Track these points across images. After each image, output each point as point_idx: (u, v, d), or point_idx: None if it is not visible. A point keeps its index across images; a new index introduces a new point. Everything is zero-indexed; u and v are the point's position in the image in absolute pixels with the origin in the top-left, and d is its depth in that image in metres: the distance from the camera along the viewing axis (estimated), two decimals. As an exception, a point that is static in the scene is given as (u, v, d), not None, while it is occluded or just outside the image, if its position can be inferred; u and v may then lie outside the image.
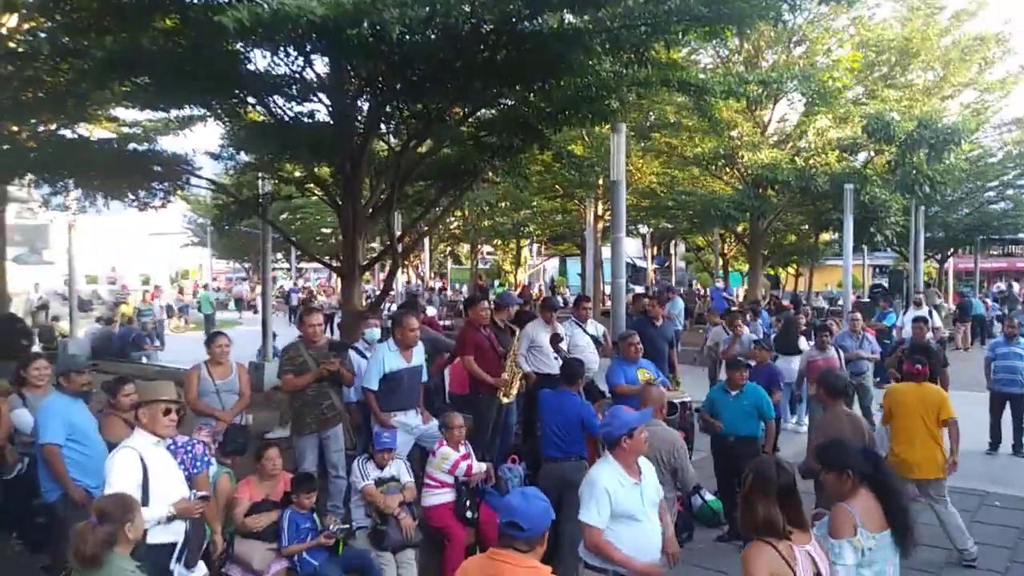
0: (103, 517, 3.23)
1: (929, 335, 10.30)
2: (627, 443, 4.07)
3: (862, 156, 20.27)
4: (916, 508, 5.29)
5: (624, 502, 3.99)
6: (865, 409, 9.41)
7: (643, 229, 32.25)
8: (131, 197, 10.81)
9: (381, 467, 5.78)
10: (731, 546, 6.65)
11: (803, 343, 10.40)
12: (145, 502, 3.87)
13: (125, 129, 13.15)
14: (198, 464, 4.73)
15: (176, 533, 4.07)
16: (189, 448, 4.74)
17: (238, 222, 12.44)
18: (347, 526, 5.55)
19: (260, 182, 11.90)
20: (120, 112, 12.62)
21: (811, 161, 17.95)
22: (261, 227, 13.02)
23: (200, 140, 12.18)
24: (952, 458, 6.35)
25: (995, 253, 45.37)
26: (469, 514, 5.86)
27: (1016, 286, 35.99)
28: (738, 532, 6.72)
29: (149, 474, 3.96)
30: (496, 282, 36.72)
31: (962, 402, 9.20)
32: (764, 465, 3.04)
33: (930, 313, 13.59)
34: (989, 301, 27.81)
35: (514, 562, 2.73)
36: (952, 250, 32.60)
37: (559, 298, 27.50)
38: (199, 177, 11.13)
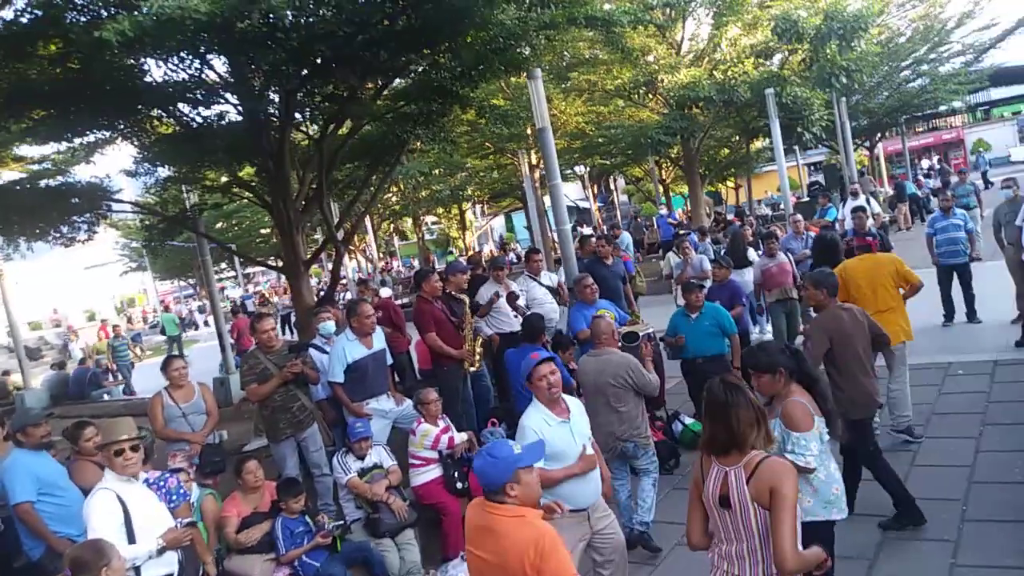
0: (77, 567, 3.16)
1: (870, 222, 10.54)
2: (531, 386, 4.29)
3: (777, 59, 20.45)
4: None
5: (552, 441, 4.04)
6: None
7: (580, 170, 32.27)
8: (54, 235, 10.39)
9: (361, 457, 5.76)
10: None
11: (752, 254, 10.56)
12: (132, 539, 3.83)
13: (34, 167, 12.62)
14: (174, 498, 4.67)
15: (170, 564, 4.02)
16: (162, 483, 4.66)
17: (169, 239, 12.11)
18: (341, 522, 5.53)
19: (185, 195, 11.55)
20: (24, 150, 12.10)
21: (729, 72, 18.03)
22: (196, 240, 12.70)
23: (114, 163, 11.77)
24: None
25: (920, 130, 46.50)
26: (459, 485, 5.88)
27: (933, 161, 37.03)
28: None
29: (130, 511, 3.89)
30: (445, 250, 36.54)
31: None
32: (711, 386, 3.12)
33: (868, 201, 13.91)
34: (921, 178, 28.63)
35: (500, 512, 2.84)
36: (879, 135, 33.27)
37: (512, 254, 27.50)
38: (120, 201, 10.76)
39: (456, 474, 5.90)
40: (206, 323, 31.78)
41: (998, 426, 6.35)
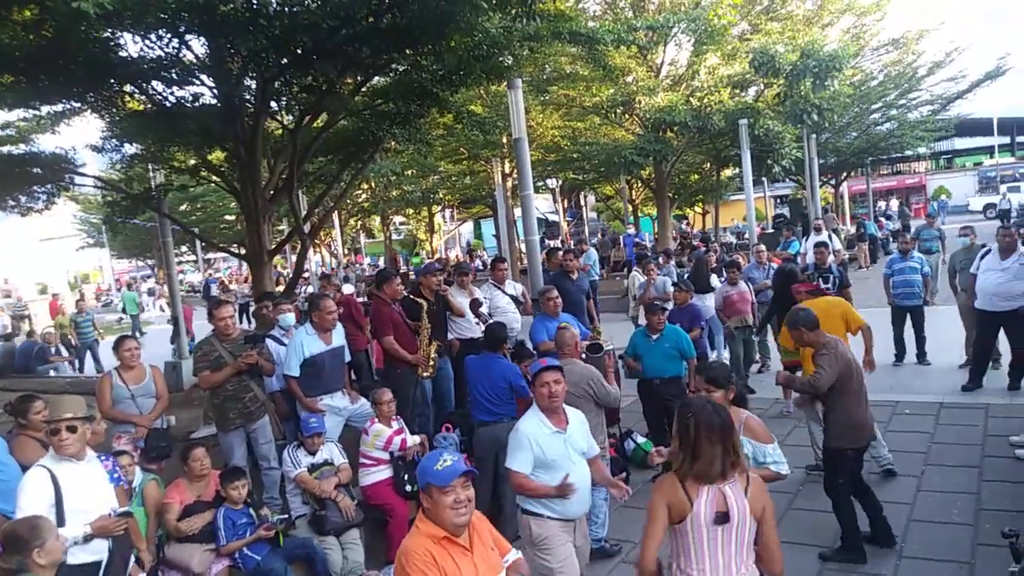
0: (8, 544, 3.08)
1: (830, 258, 10.76)
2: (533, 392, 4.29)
3: (752, 91, 20.84)
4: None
5: (546, 449, 4.10)
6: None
7: (552, 183, 32.43)
8: (11, 203, 10.13)
9: (312, 453, 5.70)
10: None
11: (714, 280, 10.71)
12: (61, 522, 3.69)
13: (-3, 132, 12.30)
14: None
15: (98, 552, 3.89)
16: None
17: (132, 218, 11.89)
18: (285, 516, 5.46)
19: (151, 174, 11.35)
20: (-12, 115, 11.78)
21: (705, 100, 18.31)
22: (158, 221, 12.48)
23: (80, 135, 11.43)
24: (868, 357, 6.77)
25: (885, 173, 47.75)
26: (408, 488, 5.83)
27: (895, 203, 37.94)
28: (670, 470, 6.96)
29: (63, 493, 3.77)
30: (412, 252, 36.39)
31: (867, 318, 9.72)
32: (704, 411, 3.08)
33: (830, 237, 14.20)
34: (883, 220, 29.31)
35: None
36: (845, 174, 34.02)
37: (478, 261, 27.50)
38: (82, 175, 10.53)
39: (406, 476, 5.86)
40: (161, 308, 31.12)
41: (940, 467, 6.51)
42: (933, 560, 5.03)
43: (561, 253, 9.98)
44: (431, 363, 7.04)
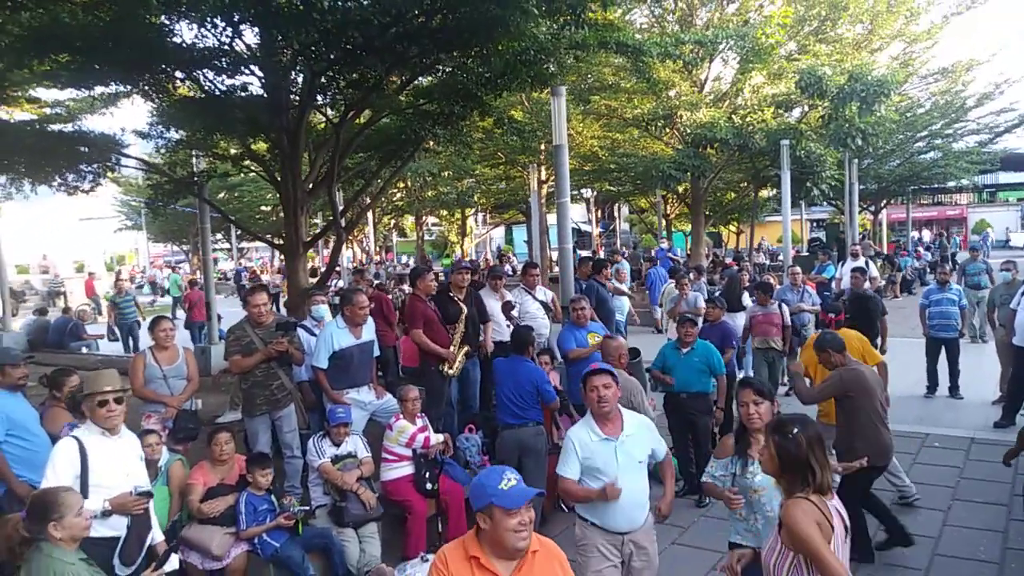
0: (32, 512, 3.13)
1: (866, 284, 10.62)
2: (586, 398, 4.12)
3: (796, 112, 20.63)
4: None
5: (592, 456, 3.98)
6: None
7: (587, 193, 32.38)
8: (58, 181, 10.35)
9: (337, 444, 5.72)
10: (687, 501, 6.82)
11: (746, 299, 10.61)
12: (83, 494, 3.73)
13: (47, 110, 12.58)
14: None
15: (116, 528, 3.91)
16: None
17: (173, 202, 12.07)
18: (306, 507, 5.48)
19: (194, 160, 11.53)
20: (41, 92, 12.05)
21: (748, 119, 18.17)
22: (198, 206, 12.66)
23: (128, 118, 11.67)
24: (884, 394, 6.63)
25: (925, 202, 46.98)
26: (429, 486, 5.85)
27: (927, 234, 37.19)
28: (694, 487, 6.90)
29: (89, 466, 3.81)
30: (442, 253, 36.55)
31: (900, 348, 9.57)
32: (805, 425, 2.96)
33: (867, 263, 13.99)
34: (921, 250, 28.82)
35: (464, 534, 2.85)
36: (885, 201, 33.54)
37: (507, 267, 27.53)
38: (129, 157, 10.74)
39: (427, 474, 5.87)
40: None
41: (968, 503, 6.37)
42: (958, 597, 4.93)
43: (592, 263, 9.97)
44: (457, 363, 7.03)
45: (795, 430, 2.92)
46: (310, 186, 9.60)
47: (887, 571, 5.02)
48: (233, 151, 11.16)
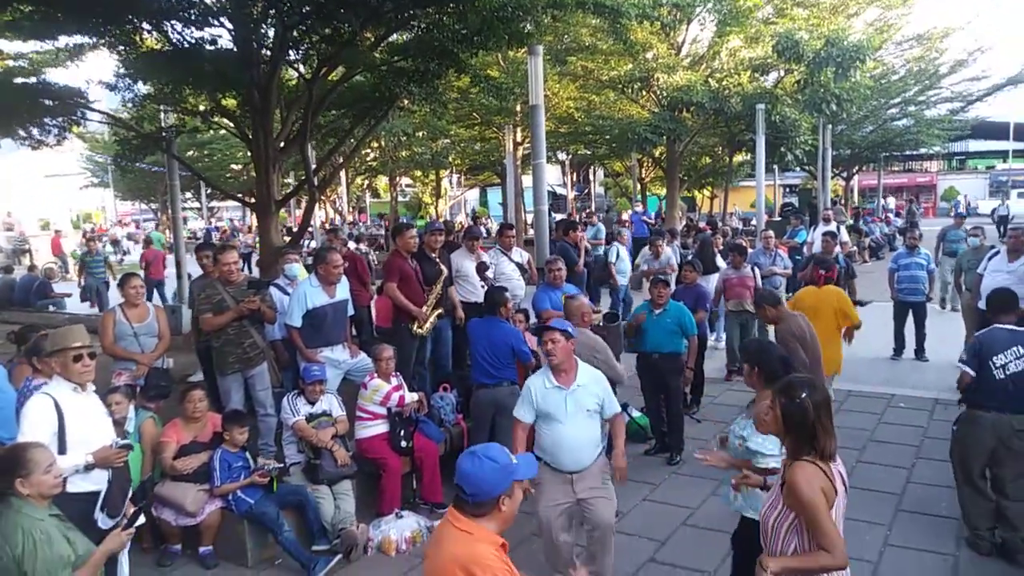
0: None
1: (837, 249, 10.75)
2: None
3: (772, 76, 20.63)
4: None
5: (545, 403, 4.36)
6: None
7: (562, 156, 32.24)
8: (22, 135, 10.07)
9: (312, 402, 5.72)
10: (658, 459, 6.94)
11: (720, 262, 10.69)
12: (62, 450, 3.71)
13: (9, 62, 12.19)
14: None
15: (98, 482, 3.91)
16: None
17: (141, 158, 11.82)
18: (281, 465, 5.49)
19: (162, 115, 11.27)
20: (3, 44, 11.69)
21: (724, 82, 18.15)
22: (166, 163, 12.42)
23: (94, 72, 11.29)
24: (848, 333, 7.19)
25: (896, 169, 47.45)
26: (404, 443, 5.88)
27: (892, 201, 37.47)
28: (665, 446, 7.02)
29: (66, 421, 3.78)
30: (416, 215, 36.28)
31: (868, 312, 9.73)
32: (814, 388, 2.94)
33: (838, 229, 14.14)
34: (890, 216, 29.15)
35: (455, 521, 2.50)
36: (857, 168, 33.84)
37: (482, 228, 27.44)
38: (94, 110, 10.46)
39: (402, 432, 5.89)
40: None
41: (931, 461, 6.54)
42: (918, 550, 5.08)
43: (566, 223, 9.98)
44: (428, 323, 6.97)
45: (803, 394, 2.90)
46: (282, 144, 9.44)
47: (852, 526, 5.14)
48: (202, 107, 10.91)
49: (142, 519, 3.56)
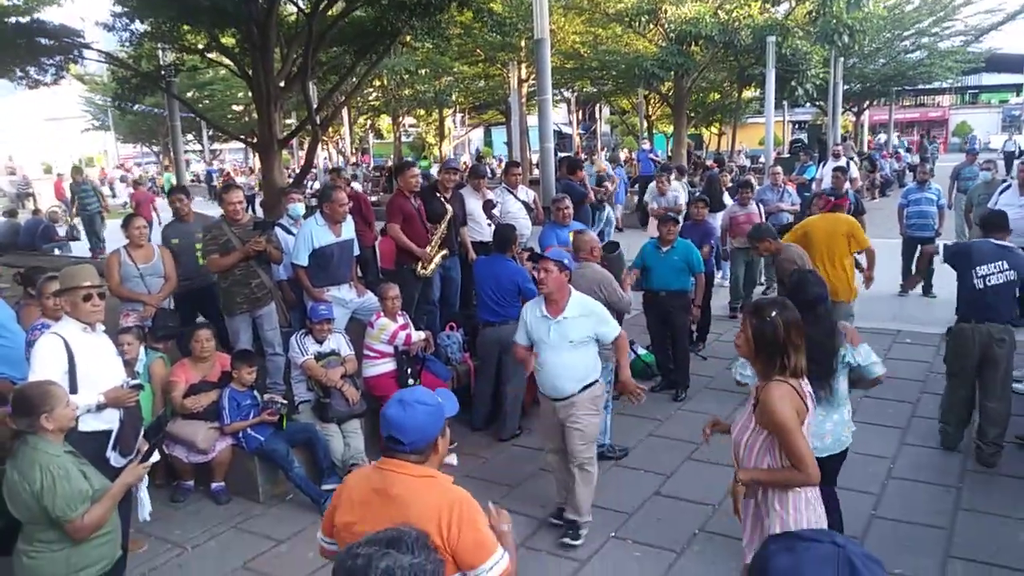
0: (17, 407, 3.11)
1: (847, 185, 10.61)
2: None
3: (783, 7, 20.08)
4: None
5: (534, 330, 4.60)
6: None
7: (567, 94, 31.72)
8: (19, 75, 9.92)
9: (320, 341, 5.73)
10: (664, 395, 6.98)
11: (727, 199, 10.58)
12: (73, 390, 3.73)
13: (3, 1, 11.92)
14: None
15: (110, 421, 3.95)
16: None
17: (141, 98, 11.65)
18: (285, 401, 5.54)
19: (160, 53, 11.07)
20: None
21: (734, 14, 17.69)
22: (167, 103, 12.25)
23: (89, 10, 11.04)
24: (868, 273, 7.10)
25: (908, 104, 46.59)
26: (411, 381, 5.90)
27: (895, 137, 36.85)
28: (671, 383, 7.06)
29: (76, 361, 3.79)
30: (420, 156, 35.95)
31: (877, 248, 9.64)
32: (784, 308, 2.95)
33: (847, 164, 13.95)
34: (901, 152, 28.74)
35: (406, 471, 2.31)
36: (868, 102, 33.21)
37: (487, 167, 27.18)
38: (91, 48, 10.27)
39: (409, 370, 5.92)
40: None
41: (936, 396, 6.52)
42: (922, 482, 5.13)
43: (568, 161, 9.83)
44: (432, 264, 6.94)
45: (773, 313, 2.91)
46: (282, 82, 9.28)
47: (856, 459, 5.18)
48: (201, 44, 10.70)
49: (156, 456, 3.61)
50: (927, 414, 6.23)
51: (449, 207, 7.08)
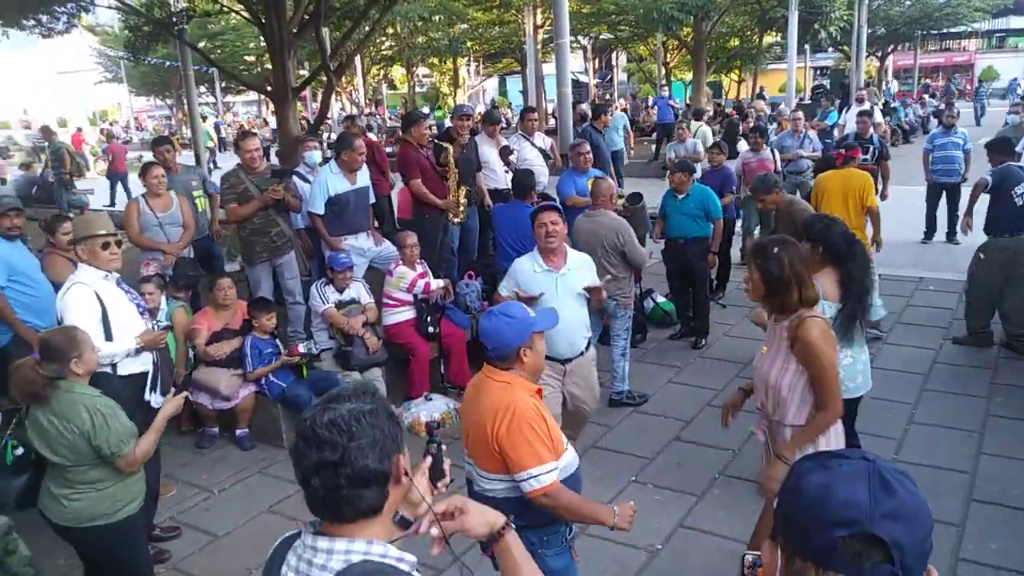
0: (48, 352, 3.14)
1: (871, 130, 10.38)
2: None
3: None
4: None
5: (531, 286, 4.30)
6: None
7: (584, 41, 31.13)
8: (31, 23, 9.83)
9: (340, 290, 5.73)
10: (683, 343, 6.97)
11: (742, 145, 10.41)
12: (108, 336, 3.80)
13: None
14: None
15: (145, 364, 4.04)
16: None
17: (154, 48, 11.52)
18: (308, 344, 5.57)
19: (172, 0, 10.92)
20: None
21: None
22: (179, 52, 12.12)
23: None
24: (876, 237, 6.81)
25: (933, 49, 45.40)
26: (431, 329, 5.92)
27: (895, 85, 35.83)
28: (691, 330, 7.03)
29: (107, 308, 3.84)
30: (434, 106, 35.53)
31: (898, 196, 9.49)
32: (786, 245, 2.96)
33: (872, 108, 13.66)
34: (926, 97, 28.06)
35: (491, 375, 2.66)
36: (892, 47, 32.39)
37: (501, 114, 26.87)
38: (103, -4, 10.15)
39: (428, 318, 5.93)
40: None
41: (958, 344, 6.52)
42: (943, 427, 5.11)
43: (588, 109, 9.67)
44: (461, 208, 6.91)
45: (775, 250, 2.93)
46: (295, 28, 9.13)
47: (877, 404, 5.18)
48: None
49: (188, 392, 3.69)
50: (950, 360, 6.18)
51: (447, 144, 6.86)
